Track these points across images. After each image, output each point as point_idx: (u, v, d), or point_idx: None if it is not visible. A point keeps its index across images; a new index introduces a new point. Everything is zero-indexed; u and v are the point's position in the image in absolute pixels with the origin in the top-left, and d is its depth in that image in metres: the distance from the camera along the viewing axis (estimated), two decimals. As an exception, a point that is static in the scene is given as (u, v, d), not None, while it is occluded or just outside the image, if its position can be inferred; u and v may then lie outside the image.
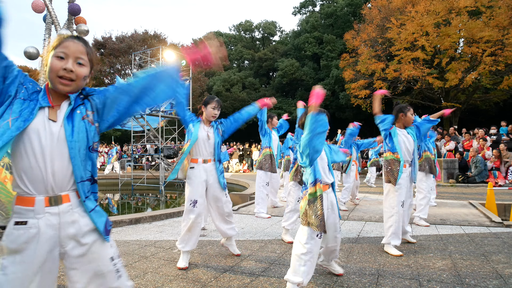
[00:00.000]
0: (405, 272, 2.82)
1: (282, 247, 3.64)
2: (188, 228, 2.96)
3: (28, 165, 1.21)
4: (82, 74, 1.32)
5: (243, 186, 10.34)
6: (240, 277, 2.74)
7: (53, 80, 1.28)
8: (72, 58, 1.29)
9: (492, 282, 2.57)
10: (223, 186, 3.12)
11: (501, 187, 8.71)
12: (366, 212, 5.52)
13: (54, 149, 1.24)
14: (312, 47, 28.53)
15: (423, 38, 15.73)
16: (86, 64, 1.34)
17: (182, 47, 3.95)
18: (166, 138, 14.16)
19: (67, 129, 1.26)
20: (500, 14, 14.49)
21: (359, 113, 23.47)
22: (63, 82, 1.28)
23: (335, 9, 28.39)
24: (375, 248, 3.54)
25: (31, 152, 1.21)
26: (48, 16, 9.64)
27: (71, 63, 1.28)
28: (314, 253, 2.30)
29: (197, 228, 3.01)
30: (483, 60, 14.57)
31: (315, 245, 2.30)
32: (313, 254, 2.29)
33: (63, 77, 1.27)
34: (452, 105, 16.69)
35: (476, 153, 9.97)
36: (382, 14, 18.60)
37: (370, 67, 17.89)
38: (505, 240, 3.78)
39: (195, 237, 3.01)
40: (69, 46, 1.30)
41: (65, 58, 1.28)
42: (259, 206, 5.28)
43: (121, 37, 24.27)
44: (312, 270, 2.31)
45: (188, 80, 12.80)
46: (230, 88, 29.38)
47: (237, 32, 37.91)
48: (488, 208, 5.65)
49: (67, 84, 1.29)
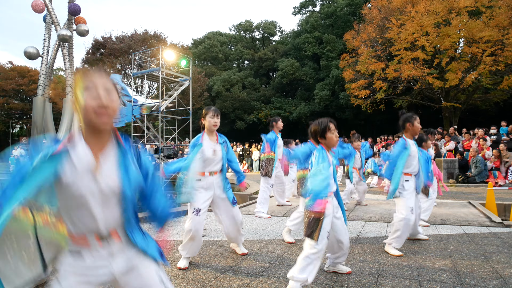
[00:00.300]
0: (405, 272, 2.82)
1: (282, 247, 3.63)
2: (191, 237, 2.97)
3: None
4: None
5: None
6: (240, 277, 2.75)
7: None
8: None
9: (492, 282, 2.57)
10: (231, 201, 3.14)
11: (501, 187, 8.71)
12: (366, 212, 5.52)
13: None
14: (312, 47, 28.54)
15: (423, 38, 15.73)
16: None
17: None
18: (166, 138, 14.17)
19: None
20: (500, 14, 14.49)
21: (359, 113, 23.49)
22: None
23: (335, 9, 28.40)
24: (375, 248, 3.54)
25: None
26: (48, 16, 9.66)
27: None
28: (322, 252, 2.34)
29: (199, 237, 3.03)
30: (483, 60, 14.57)
31: (324, 245, 2.35)
32: (321, 253, 2.33)
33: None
34: (452, 105, 16.72)
35: (476, 153, 9.97)
36: (382, 14, 18.61)
37: (370, 67, 17.89)
38: (505, 240, 3.78)
39: (197, 244, 3.03)
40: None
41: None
42: (260, 206, 5.31)
43: (121, 37, 24.26)
44: (316, 269, 2.34)
45: (188, 80, 12.81)
46: (230, 88, 29.38)
47: (237, 32, 37.92)
48: (488, 208, 5.65)
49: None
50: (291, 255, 3.33)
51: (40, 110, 8.90)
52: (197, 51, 33.92)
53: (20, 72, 34.75)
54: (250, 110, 28.96)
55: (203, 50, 34.05)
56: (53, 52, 9.48)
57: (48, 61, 9.31)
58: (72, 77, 9.33)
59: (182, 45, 27.10)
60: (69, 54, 9.41)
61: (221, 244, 3.75)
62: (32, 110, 9.05)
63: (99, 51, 24.67)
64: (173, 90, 12.68)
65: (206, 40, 35.47)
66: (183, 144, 17.42)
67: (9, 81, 33.75)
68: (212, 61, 35.20)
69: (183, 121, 13.84)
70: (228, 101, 28.37)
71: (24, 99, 36.46)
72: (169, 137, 14.18)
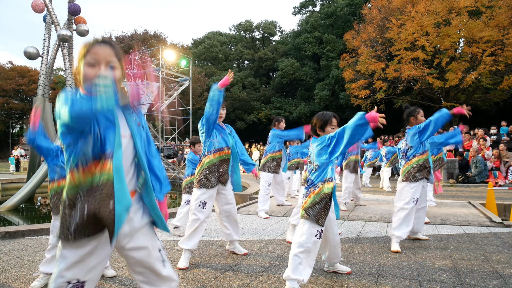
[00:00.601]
0: (405, 272, 2.82)
1: (282, 247, 3.63)
2: (195, 228, 3.00)
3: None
4: (117, 78, 1.31)
5: (243, 186, 10.33)
6: (240, 277, 2.74)
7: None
8: (103, 64, 1.28)
9: (492, 282, 2.57)
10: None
11: (501, 187, 8.72)
12: (366, 212, 5.52)
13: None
14: (312, 47, 28.54)
15: (423, 38, 15.73)
16: (118, 66, 1.33)
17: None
18: (166, 138, 14.17)
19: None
20: (500, 14, 14.49)
21: (359, 113, 23.51)
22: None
23: (335, 9, 28.40)
24: (375, 248, 3.54)
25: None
26: (48, 16, 9.66)
27: (104, 69, 1.28)
28: (312, 251, 2.31)
29: (202, 229, 3.07)
30: (483, 60, 14.57)
31: (313, 245, 2.31)
32: (311, 252, 2.30)
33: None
34: (452, 105, 16.70)
35: (476, 153, 9.97)
36: (382, 14, 18.61)
37: (370, 67, 17.89)
38: (505, 240, 3.78)
39: (198, 236, 3.05)
40: (98, 52, 1.28)
41: (96, 65, 1.28)
42: (261, 206, 5.37)
43: (121, 37, 24.26)
44: (310, 269, 2.32)
45: (188, 80, 12.81)
46: (230, 88, 29.39)
47: (237, 32, 37.92)
48: (488, 208, 5.65)
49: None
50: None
51: (40, 110, 8.90)
52: (197, 51, 33.93)
53: (20, 72, 34.76)
54: (250, 110, 28.96)
55: (203, 50, 34.06)
56: (53, 52, 9.48)
57: (48, 61, 9.31)
58: (72, 77, 9.32)
59: (182, 45, 27.10)
60: (69, 54, 9.41)
61: (221, 244, 3.75)
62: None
63: (99, 51, 24.68)
64: (173, 90, 12.68)
65: (206, 40, 35.47)
66: (183, 144, 17.43)
67: (9, 81, 33.77)
68: (212, 61, 35.21)
69: (183, 121, 13.84)
70: (228, 101, 28.37)
71: (24, 99, 36.47)
72: (169, 137, 14.18)
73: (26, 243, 3.90)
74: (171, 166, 12.67)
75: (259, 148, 17.71)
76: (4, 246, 3.75)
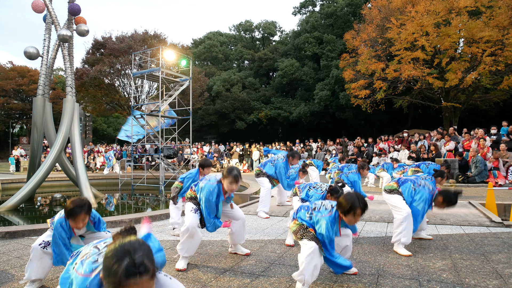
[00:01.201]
0: (405, 272, 2.82)
1: (282, 247, 3.63)
2: (190, 234, 2.97)
3: None
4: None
5: (243, 186, 10.33)
6: (240, 277, 2.74)
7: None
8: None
9: (492, 282, 2.57)
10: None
11: (501, 187, 8.71)
12: (366, 212, 5.52)
13: None
14: (312, 47, 28.52)
15: (423, 38, 15.72)
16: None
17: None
18: (166, 138, 14.16)
19: None
20: (500, 14, 14.48)
21: (359, 113, 23.44)
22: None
23: (335, 9, 28.39)
24: (375, 248, 3.54)
25: None
26: (48, 16, 9.65)
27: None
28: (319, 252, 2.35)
29: (198, 235, 3.03)
30: (483, 60, 14.56)
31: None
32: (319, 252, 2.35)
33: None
34: (452, 105, 16.69)
35: (476, 153, 9.97)
36: (382, 14, 18.59)
37: (370, 67, 17.87)
38: (505, 240, 3.78)
39: (196, 243, 3.03)
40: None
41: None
42: (261, 206, 5.37)
43: (121, 37, 24.21)
44: (317, 270, 2.35)
45: (188, 80, 12.80)
46: (230, 88, 29.36)
47: (237, 32, 37.89)
48: (488, 208, 5.65)
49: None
50: (291, 255, 3.33)
51: (40, 110, 8.89)
52: (197, 51, 33.91)
53: (20, 72, 34.76)
54: (250, 110, 28.94)
55: (203, 50, 34.04)
56: (53, 52, 9.46)
57: (48, 61, 9.30)
58: (72, 77, 9.31)
59: (182, 45, 26.99)
60: (69, 54, 9.39)
61: (221, 244, 3.75)
62: (32, 110, 9.03)
63: (99, 51, 24.61)
64: (173, 90, 12.68)
65: (206, 40, 35.45)
66: (183, 144, 17.42)
67: (9, 81, 33.76)
68: (212, 61, 35.19)
69: (183, 121, 13.83)
70: (228, 101, 28.35)
71: (24, 99, 36.46)
72: (169, 137, 14.17)
73: (26, 243, 3.90)
74: (171, 166, 12.66)
75: (259, 148, 17.70)
76: (4, 246, 3.75)
